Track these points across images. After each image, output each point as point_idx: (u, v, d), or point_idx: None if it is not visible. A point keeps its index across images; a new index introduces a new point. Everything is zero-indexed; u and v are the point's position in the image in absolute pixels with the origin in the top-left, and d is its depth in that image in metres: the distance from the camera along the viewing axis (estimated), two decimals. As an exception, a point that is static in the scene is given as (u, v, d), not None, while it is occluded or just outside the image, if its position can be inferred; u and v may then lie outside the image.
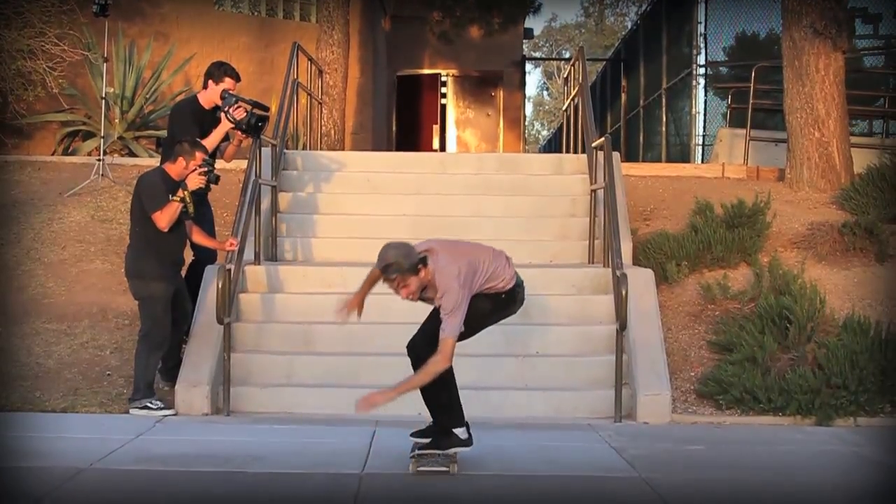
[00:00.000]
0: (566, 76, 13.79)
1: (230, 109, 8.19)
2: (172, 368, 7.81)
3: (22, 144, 14.03)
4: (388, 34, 21.17)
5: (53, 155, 13.24)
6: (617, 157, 9.99)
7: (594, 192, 9.58)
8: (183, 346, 8.00)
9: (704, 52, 16.26)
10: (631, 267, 8.79)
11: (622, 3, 37.37)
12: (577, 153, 11.42)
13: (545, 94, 56.81)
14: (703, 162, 15.46)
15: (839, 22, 10.94)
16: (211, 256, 8.48)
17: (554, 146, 32.87)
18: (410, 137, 22.10)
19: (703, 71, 16.36)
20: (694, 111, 16.33)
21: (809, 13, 10.97)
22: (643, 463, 6.18)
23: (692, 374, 8.16)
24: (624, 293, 7.44)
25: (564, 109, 13.43)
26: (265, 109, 8.52)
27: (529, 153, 28.11)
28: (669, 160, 16.82)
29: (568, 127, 12.60)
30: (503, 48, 21.97)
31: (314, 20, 16.99)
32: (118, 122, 13.41)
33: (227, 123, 8.23)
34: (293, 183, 10.33)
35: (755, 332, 8.16)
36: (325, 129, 14.45)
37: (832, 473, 6.16)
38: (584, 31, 49.19)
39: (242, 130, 8.35)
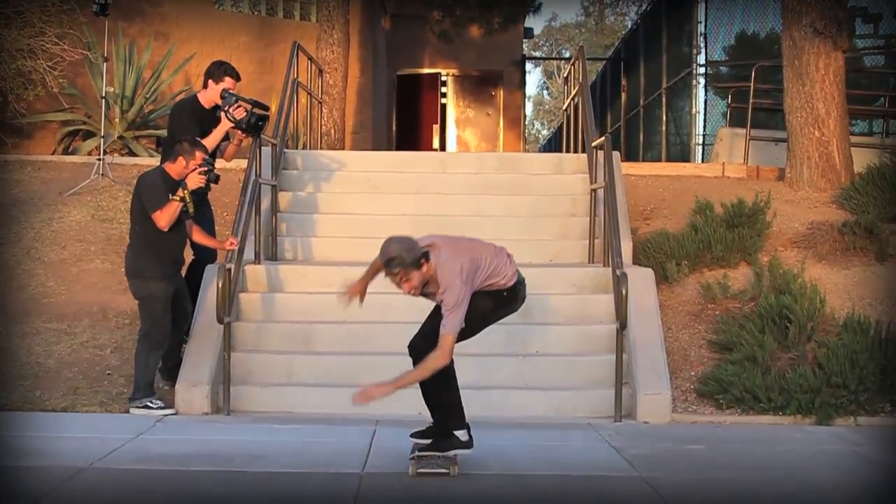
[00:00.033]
0: (566, 75, 13.78)
1: (230, 109, 8.19)
2: (172, 368, 7.81)
3: (22, 144, 14.03)
4: (388, 33, 21.17)
5: (53, 154, 13.23)
6: (617, 156, 9.99)
7: (594, 191, 9.58)
8: (183, 345, 8.00)
9: (704, 51, 16.27)
10: (631, 266, 8.79)
11: (622, 2, 37.37)
12: (577, 152, 11.42)
13: (545, 93, 56.87)
14: (703, 161, 15.46)
15: (839, 21, 10.94)
16: (211, 256, 8.48)
17: (554, 146, 32.87)
18: (410, 137, 22.09)
19: (703, 70, 16.36)
20: (694, 110, 16.33)
21: (809, 12, 10.96)
22: (643, 462, 6.18)
23: (692, 373, 8.16)
24: (624, 292, 7.44)
25: (564, 109, 13.43)
26: (265, 109, 8.52)
27: (529, 152, 28.07)
28: (669, 159, 16.82)
29: (568, 126, 12.60)
30: (503, 47, 21.97)
31: (314, 19, 16.99)
32: (118, 121, 13.41)
33: (227, 123, 8.23)
34: (293, 182, 10.33)
35: (755, 331, 8.16)
36: (325, 128, 14.45)
37: (832, 473, 6.16)
38: (584, 30, 49.20)
39: (242, 130, 8.35)
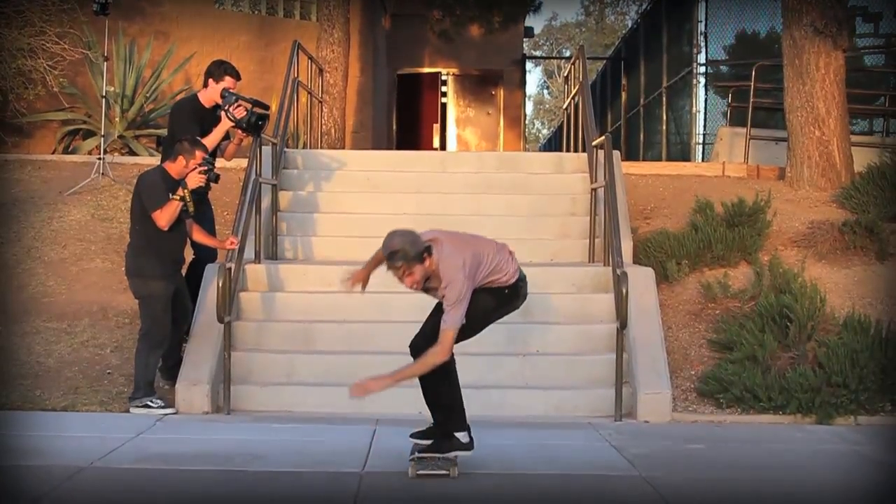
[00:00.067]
0: (566, 75, 13.79)
1: (230, 108, 8.19)
2: (173, 367, 7.81)
3: (22, 143, 14.03)
4: (388, 33, 21.16)
5: (54, 153, 13.24)
6: (617, 155, 9.99)
7: (594, 190, 9.58)
8: (183, 344, 8.00)
9: (705, 50, 16.27)
10: (631, 265, 8.79)
11: (622, 1, 37.30)
12: (577, 152, 11.41)
13: (545, 92, 56.82)
14: (703, 160, 15.46)
15: (839, 21, 10.94)
16: (211, 255, 8.48)
17: (554, 145, 32.86)
18: (411, 136, 22.09)
19: (703, 69, 16.36)
20: (694, 110, 16.33)
21: (810, 12, 10.96)
22: (644, 462, 6.18)
23: (692, 372, 8.16)
24: (624, 292, 7.44)
25: (565, 108, 13.43)
26: (265, 108, 8.52)
27: (530, 152, 28.06)
28: (670, 159, 16.82)
29: (568, 125, 12.60)
30: (503, 47, 21.97)
31: (314, 19, 16.99)
32: (118, 120, 13.41)
33: (227, 122, 8.23)
34: (293, 182, 10.32)
35: (755, 330, 8.15)
36: (325, 127, 14.45)
37: (832, 472, 6.16)
38: (584, 29, 49.17)
39: (243, 129, 8.36)
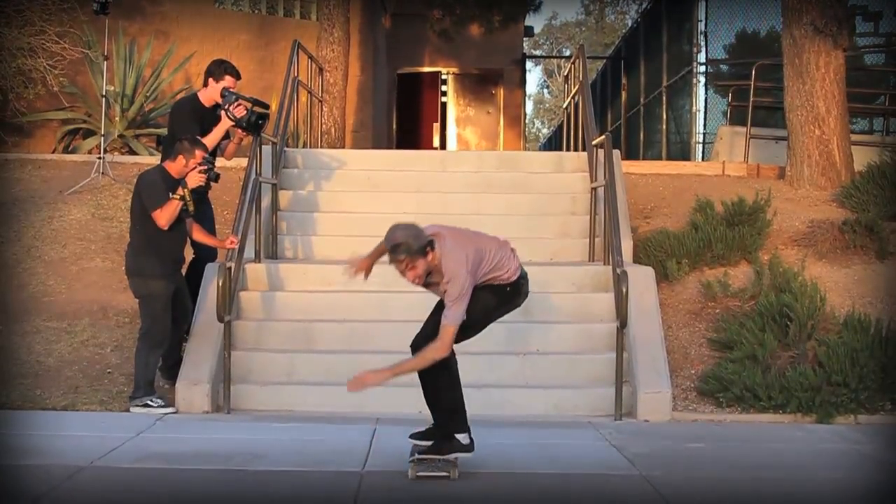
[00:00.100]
0: (566, 74, 13.79)
1: (230, 107, 8.19)
2: (173, 366, 7.81)
3: (22, 142, 14.03)
4: (388, 32, 21.16)
5: (54, 153, 13.24)
6: (617, 154, 9.98)
7: (594, 189, 9.58)
8: (183, 344, 8.00)
9: (705, 49, 16.26)
10: (631, 265, 8.79)
11: (622, 1, 37.35)
12: (577, 151, 11.41)
13: (545, 92, 56.81)
14: (703, 160, 15.46)
15: (839, 20, 10.94)
16: (211, 254, 8.48)
17: (554, 144, 32.86)
18: (411, 135, 22.09)
19: (703, 69, 16.35)
20: (694, 109, 16.32)
21: (810, 11, 10.96)
22: (644, 461, 6.18)
23: (692, 371, 8.16)
24: (624, 291, 7.44)
25: (565, 107, 13.43)
26: (265, 107, 8.52)
27: (530, 151, 28.06)
28: (670, 158, 16.82)
29: (568, 125, 12.60)
30: (503, 46, 21.97)
31: (314, 18, 16.99)
32: (118, 120, 13.41)
33: (227, 121, 8.24)
34: (293, 181, 10.33)
35: (755, 329, 8.15)
36: (325, 127, 14.45)
37: (833, 471, 6.16)
38: (584, 29, 49.17)
39: (243, 128, 8.36)
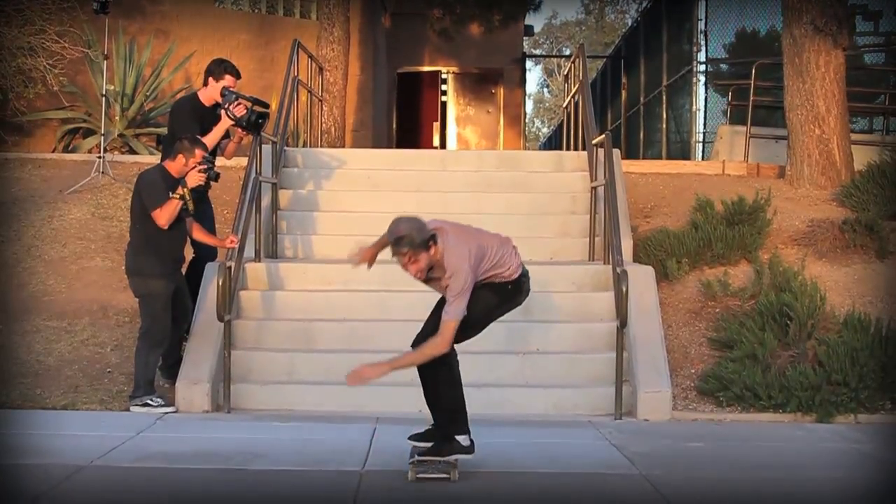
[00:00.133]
0: (566, 73, 13.78)
1: (230, 106, 8.19)
2: (173, 366, 7.81)
3: (22, 142, 14.03)
4: (388, 31, 21.16)
5: (54, 152, 13.23)
6: (617, 154, 9.98)
7: (594, 189, 9.58)
8: (183, 343, 8.01)
9: (705, 49, 16.26)
10: (631, 264, 8.79)
11: (622, 0, 37.34)
12: (577, 150, 11.41)
13: (545, 91, 56.80)
14: (703, 159, 15.46)
15: (839, 19, 10.94)
16: (211, 254, 8.48)
17: (554, 143, 32.85)
18: (411, 135, 22.09)
19: (703, 68, 16.34)
20: (694, 108, 16.32)
21: (810, 10, 10.96)
22: (644, 460, 6.18)
23: (692, 371, 8.16)
24: (624, 290, 7.44)
25: (565, 106, 13.42)
26: (265, 106, 8.52)
27: (530, 150, 28.07)
28: (670, 157, 16.82)
29: (568, 124, 12.60)
30: (503, 45, 21.97)
31: (314, 17, 16.98)
32: (118, 119, 13.41)
33: (227, 120, 8.24)
34: (293, 180, 10.33)
35: (755, 329, 8.15)
36: (325, 126, 14.44)
37: (833, 470, 6.16)
38: (584, 28, 49.14)
39: (243, 127, 8.36)
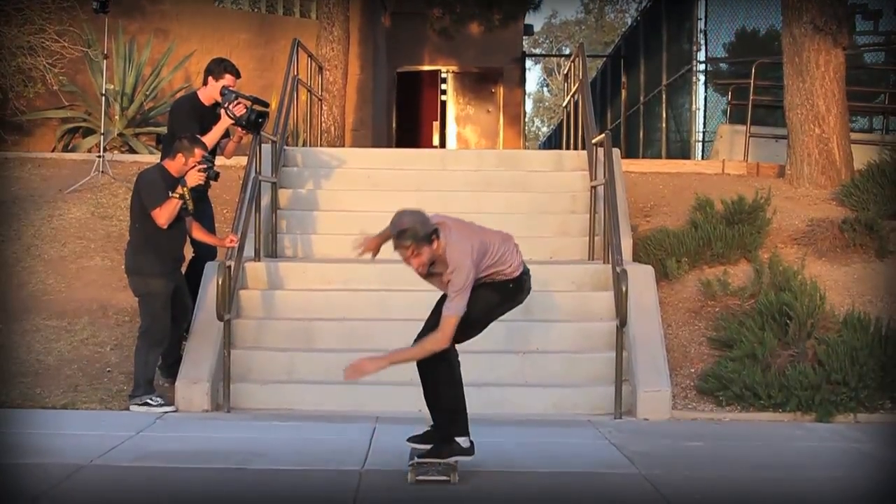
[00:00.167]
0: (566, 73, 13.78)
1: (230, 106, 8.19)
2: (172, 365, 7.81)
3: (22, 141, 14.03)
4: (388, 31, 21.16)
5: (53, 151, 13.23)
6: (617, 153, 9.98)
7: (594, 188, 9.57)
8: (183, 342, 8.01)
9: (704, 48, 16.25)
10: (631, 263, 8.79)
11: (622, -1, 37.37)
12: (577, 150, 11.41)
13: (545, 90, 56.78)
14: (703, 158, 15.45)
15: (839, 18, 10.94)
16: (211, 253, 8.48)
17: (554, 143, 32.84)
18: (410, 134, 22.08)
19: (703, 67, 16.34)
20: (694, 107, 16.32)
21: (809, 9, 10.96)
22: (643, 459, 6.18)
23: (692, 370, 8.16)
24: (624, 290, 7.44)
25: (564, 106, 13.42)
26: (265, 105, 8.52)
27: (529, 150, 28.06)
28: (669, 156, 16.81)
29: (568, 123, 12.59)
30: (503, 45, 21.96)
31: (314, 17, 16.97)
32: (118, 118, 13.41)
33: (227, 120, 8.24)
34: (293, 179, 10.32)
35: (755, 328, 8.15)
36: (325, 125, 14.44)
37: (832, 470, 6.16)
38: (584, 27, 49.13)
39: (242, 127, 8.36)
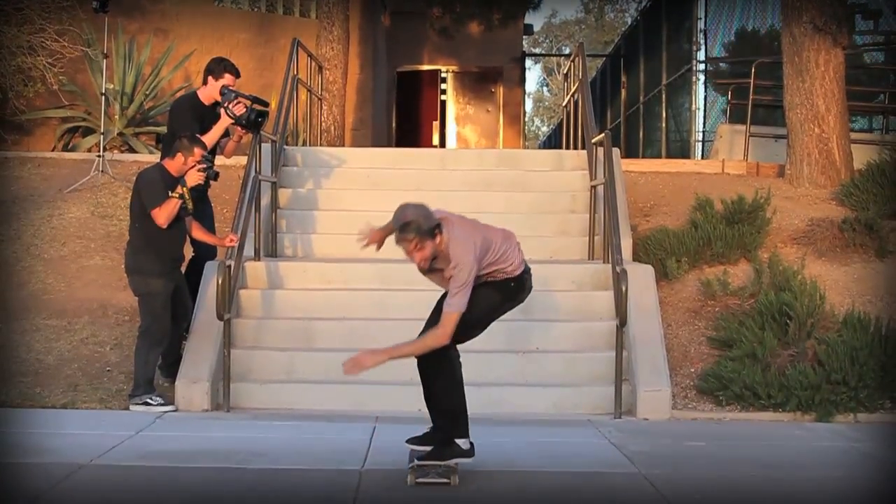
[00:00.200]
0: (566, 72, 13.77)
1: (230, 105, 8.19)
2: (172, 364, 7.81)
3: (22, 140, 14.02)
4: (387, 30, 21.15)
5: (53, 151, 13.23)
6: (617, 153, 9.98)
7: (594, 188, 9.57)
8: (183, 342, 8.00)
9: (704, 48, 16.26)
10: (631, 263, 8.79)
11: (622, -1, 37.36)
12: (577, 149, 11.41)
13: (545, 90, 56.79)
14: (703, 158, 15.44)
15: (839, 18, 10.95)
16: (211, 252, 8.48)
17: (554, 142, 32.85)
18: (410, 134, 22.07)
19: (702, 67, 16.34)
20: (694, 107, 16.32)
21: (809, 9, 10.96)
22: (643, 459, 6.18)
23: (692, 370, 8.16)
24: (624, 289, 7.44)
25: (564, 105, 13.42)
26: (265, 105, 8.52)
27: (529, 149, 28.06)
28: (669, 156, 16.81)
29: (568, 123, 12.59)
30: (503, 44, 21.95)
31: (314, 16, 16.96)
32: (118, 118, 13.41)
33: (226, 119, 8.24)
34: (293, 179, 10.32)
35: (755, 328, 8.16)
36: (324, 125, 14.44)
37: (832, 469, 6.16)
38: (584, 27, 49.13)
39: (242, 126, 8.36)
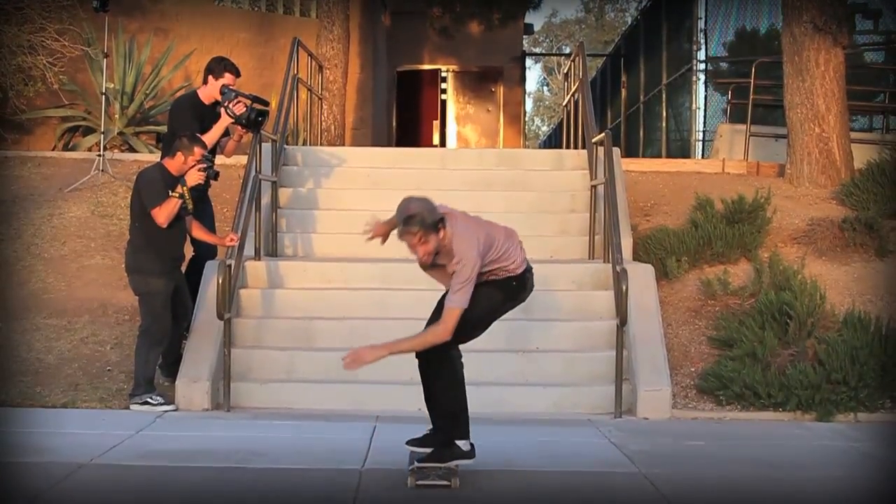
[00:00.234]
0: (566, 72, 13.77)
1: (230, 104, 8.19)
2: (173, 364, 7.81)
3: (22, 140, 14.03)
4: (388, 30, 21.15)
5: (53, 150, 13.24)
6: (617, 152, 9.98)
7: (594, 187, 9.57)
8: (183, 341, 8.01)
9: (704, 47, 16.25)
10: (631, 262, 8.79)
11: (622, -2, 37.37)
12: (577, 149, 11.41)
13: (545, 89, 56.80)
14: (703, 157, 15.45)
15: (839, 17, 10.95)
16: (211, 252, 8.48)
17: (554, 142, 32.84)
18: (411, 133, 22.08)
19: (703, 66, 16.34)
20: (694, 107, 16.31)
21: (810, 9, 10.96)
22: (643, 458, 6.18)
23: (692, 369, 8.16)
24: (624, 289, 7.44)
25: (564, 105, 13.42)
26: (265, 104, 8.52)
27: (529, 149, 28.06)
28: (669, 156, 16.81)
29: (568, 122, 12.59)
30: (503, 44, 21.95)
31: (314, 16, 16.96)
32: (118, 117, 13.41)
33: (227, 118, 8.24)
34: (293, 178, 10.32)
35: (755, 327, 8.16)
36: (325, 124, 14.44)
37: (832, 469, 6.16)
38: (584, 26, 49.14)
39: (242, 125, 8.36)
